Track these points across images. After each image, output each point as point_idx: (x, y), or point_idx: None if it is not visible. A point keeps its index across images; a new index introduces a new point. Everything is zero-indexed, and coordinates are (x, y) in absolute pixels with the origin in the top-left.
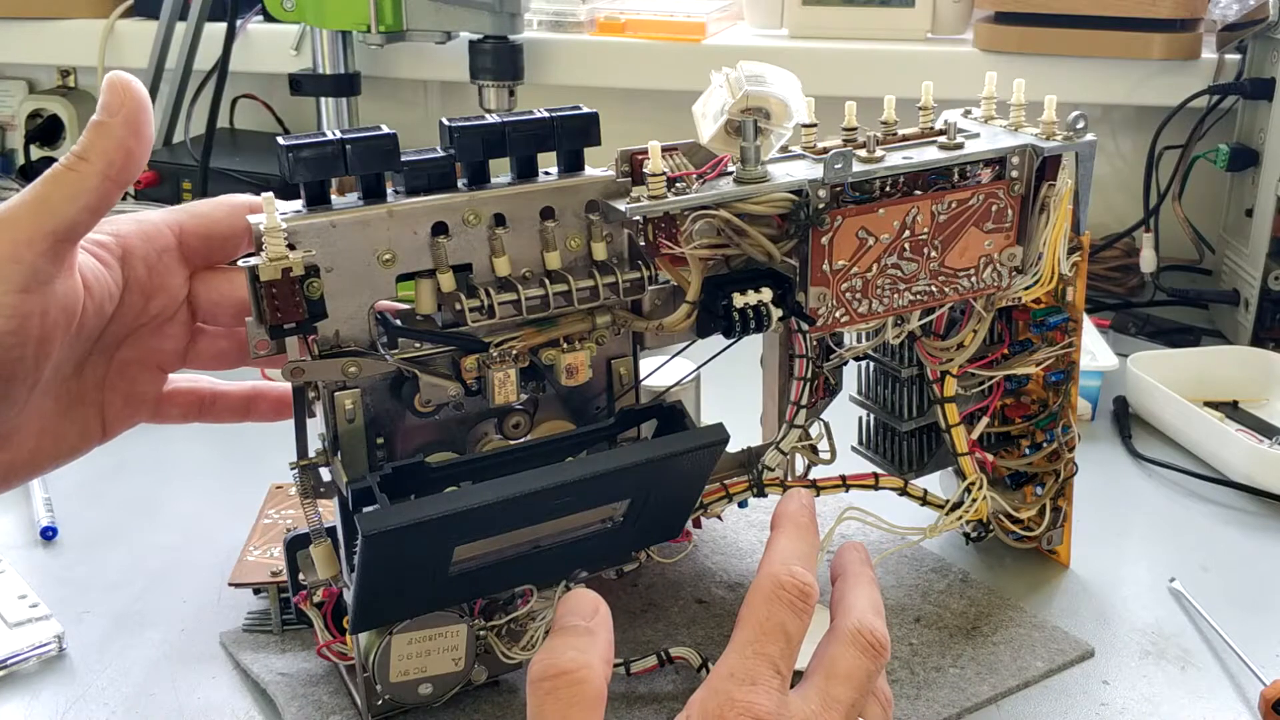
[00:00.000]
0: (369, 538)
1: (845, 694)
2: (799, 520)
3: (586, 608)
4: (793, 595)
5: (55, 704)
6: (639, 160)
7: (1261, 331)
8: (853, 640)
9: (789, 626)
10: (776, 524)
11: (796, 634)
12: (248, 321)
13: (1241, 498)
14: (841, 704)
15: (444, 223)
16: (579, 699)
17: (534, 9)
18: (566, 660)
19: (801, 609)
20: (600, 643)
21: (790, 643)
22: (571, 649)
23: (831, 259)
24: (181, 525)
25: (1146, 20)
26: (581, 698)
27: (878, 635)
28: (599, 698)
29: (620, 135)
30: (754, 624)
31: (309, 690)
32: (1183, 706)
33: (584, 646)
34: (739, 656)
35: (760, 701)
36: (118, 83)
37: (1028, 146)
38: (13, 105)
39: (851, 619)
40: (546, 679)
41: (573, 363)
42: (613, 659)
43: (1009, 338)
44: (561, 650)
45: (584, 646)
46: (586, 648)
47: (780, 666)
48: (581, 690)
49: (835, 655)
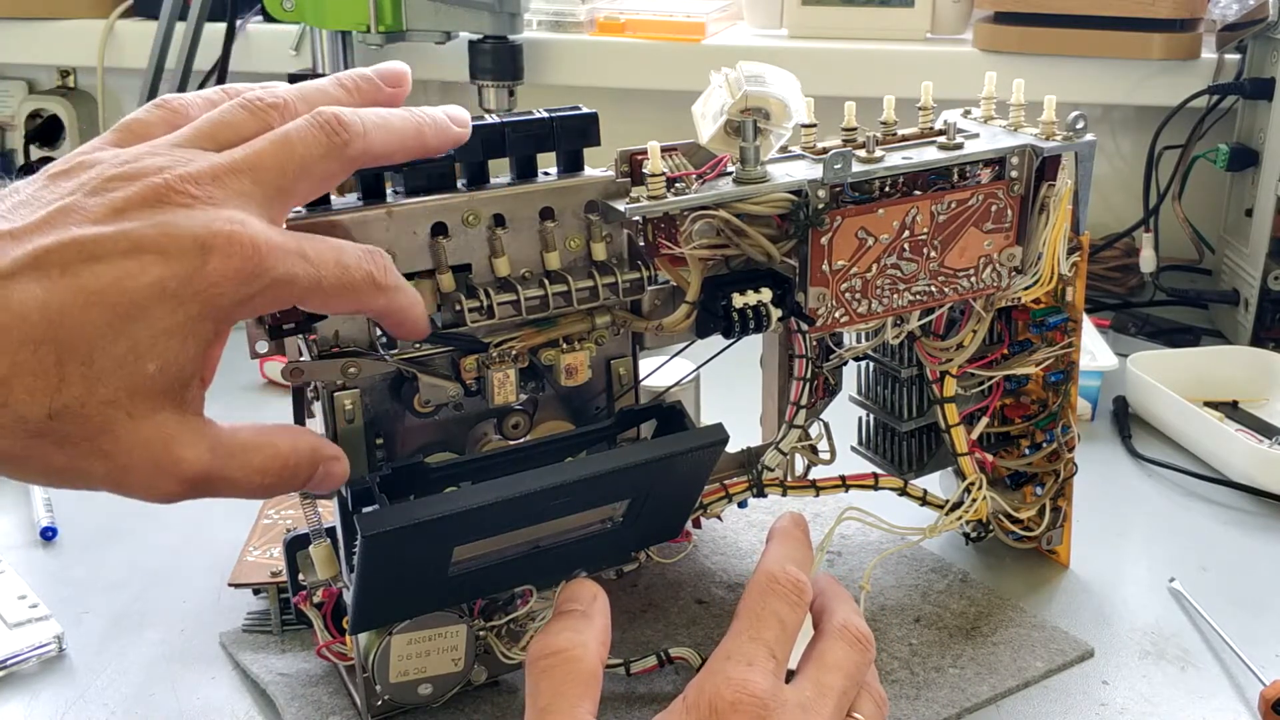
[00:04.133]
0: (368, 538)
1: (836, 681)
2: (794, 534)
3: (585, 595)
4: (787, 588)
5: (55, 704)
6: (639, 160)
7: (1261, 331)
8: (840, 635)
9: (784, 616)
10: (771, 538)
11: (791, 624)
12: (247, 322)
13: (1241, 498)
14: (834, 691)
15: (443, 223)
16: (573, 676)
17: (534, 9)
18: (562, 640)
19: (796, 602)
20: (596, 626)
21: (785, 630)
22: (568, 630)
23: (831, 259)
24: (181, 525)
25: (1146, 20)
26: (576, 675)
27: (864, 631)
28: (593, 675)
29: (620, 135)
30: (750, 614)
31: (309, 690)
32: (1182, 706)
33: (580, 628)
34: (735, 642)
35: (756, 679)
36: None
37: (1027, 146)
38: (12, 105)
39: (836, 619)
40: (542, 658)
41: (572, 363)
42: (608, 642)
43: (1009, 338)
44: (558, 631)
45: (580, 628)
46: (582, 629)
47: (775, 651)
48: (576, 668)
49: (824, 648)
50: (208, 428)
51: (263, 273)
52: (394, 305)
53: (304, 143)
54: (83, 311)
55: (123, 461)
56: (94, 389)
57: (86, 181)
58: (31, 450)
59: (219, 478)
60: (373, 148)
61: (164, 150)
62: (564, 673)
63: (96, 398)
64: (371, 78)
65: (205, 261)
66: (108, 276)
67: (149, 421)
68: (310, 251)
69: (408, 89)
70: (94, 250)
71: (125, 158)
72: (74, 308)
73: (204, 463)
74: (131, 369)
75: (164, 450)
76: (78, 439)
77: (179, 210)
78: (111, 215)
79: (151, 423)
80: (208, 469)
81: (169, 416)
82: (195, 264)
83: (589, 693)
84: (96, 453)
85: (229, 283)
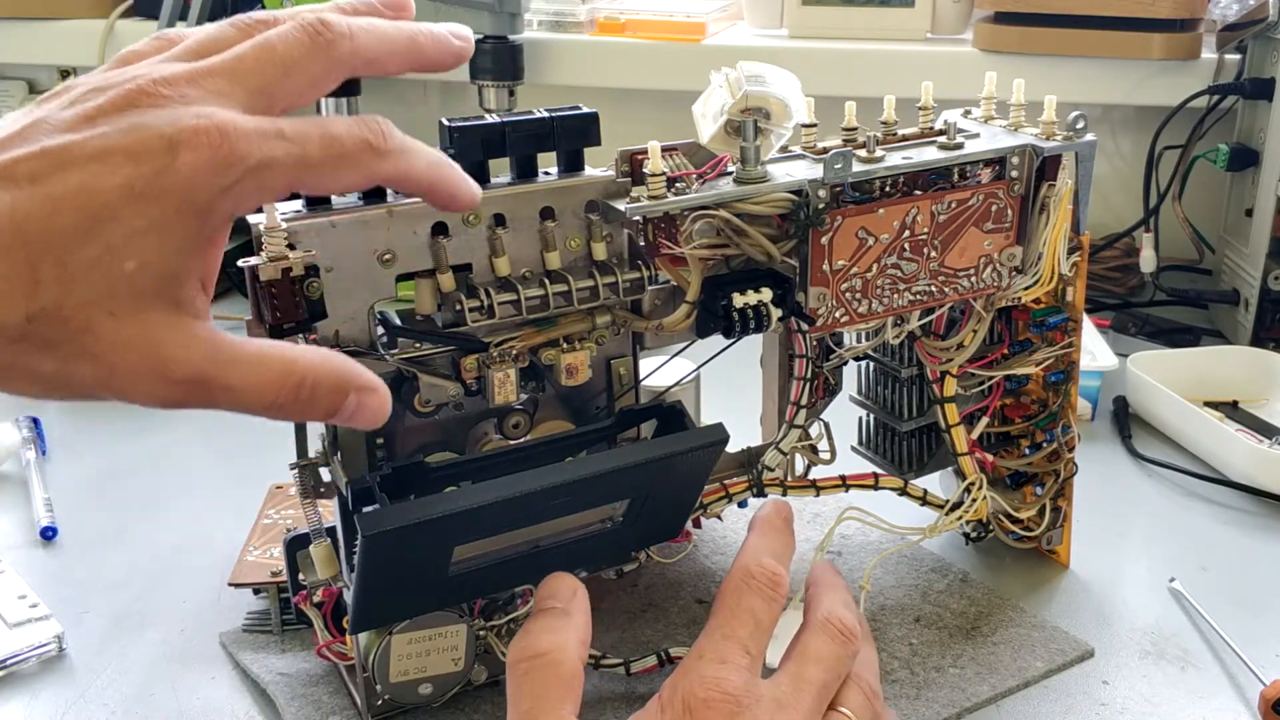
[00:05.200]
0: (369, 538)
1: (815, 674)
2: (773, 523)
3: (565, 591)
4: (762, 583)
5: (55, 704)
6: (639, 160)
7: (1261, 331)
8: (821, 628)
9: (758, 612)
10: (751, 527)
11: (766, 618)
12: (246, 321)
13: (1241, 498)
14: (812, 684)
15: (444, 223)
16: (553, 679)
17: (534, 9)
18: (543, 642)
19: (771, 596)
20: (576, 624)
21: (759, 626)
22: (547, 631)
23: (831, 259)
24: (181, 525)
25: (1146, 20)
26: (557, 678)
27: (846, 623)
28: (574, 676)
29: (620, 135)
30: (725, 611)
31: (309, 690)
32: (1182, 706)
33: (559, 628)
34: (709, 639)
35: (729, 677)
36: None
37: (1027, 146)
38: (13, 105)
39: (820, 611)
40: (523, 660)
41: (572, 363)
42: (589, 639)
43: (1009, 338)
44: (538, 632)
45: (559, 628)
46: (562, 629)
47: (750, 647)
48: (557, 671)
49: (805, 642)
50: (208, 332)
51: (236, 160)
52: (408, 168)
53: (285, 43)
54: (51, 216)
55: (110, 361)
56: (70, 290)
57: (66, 99)
58: (16, 358)
59: (218, 384)
60: (361, 50)
61: (146, 66)
62: (545, 676)
63: (74, 298)
64: (372, 1)
65: (174, 157)
66: (74, 181)
67: (135, 320)
68: (290, 130)
69: (410, 14)
70: (62, 157)
71: (107, 74)
72: (41, 213)
73: (196, 365)
74: (108, 268)
75: (151, 349)
76: (59, 341)
77: (149, 111)
78: (82, 123)
79: (137, 321)
80: (202, 371)
81: (160, 317)
82: (164, 161)
83: (570, 694)
84: (82, 354)
85: (202, 174)
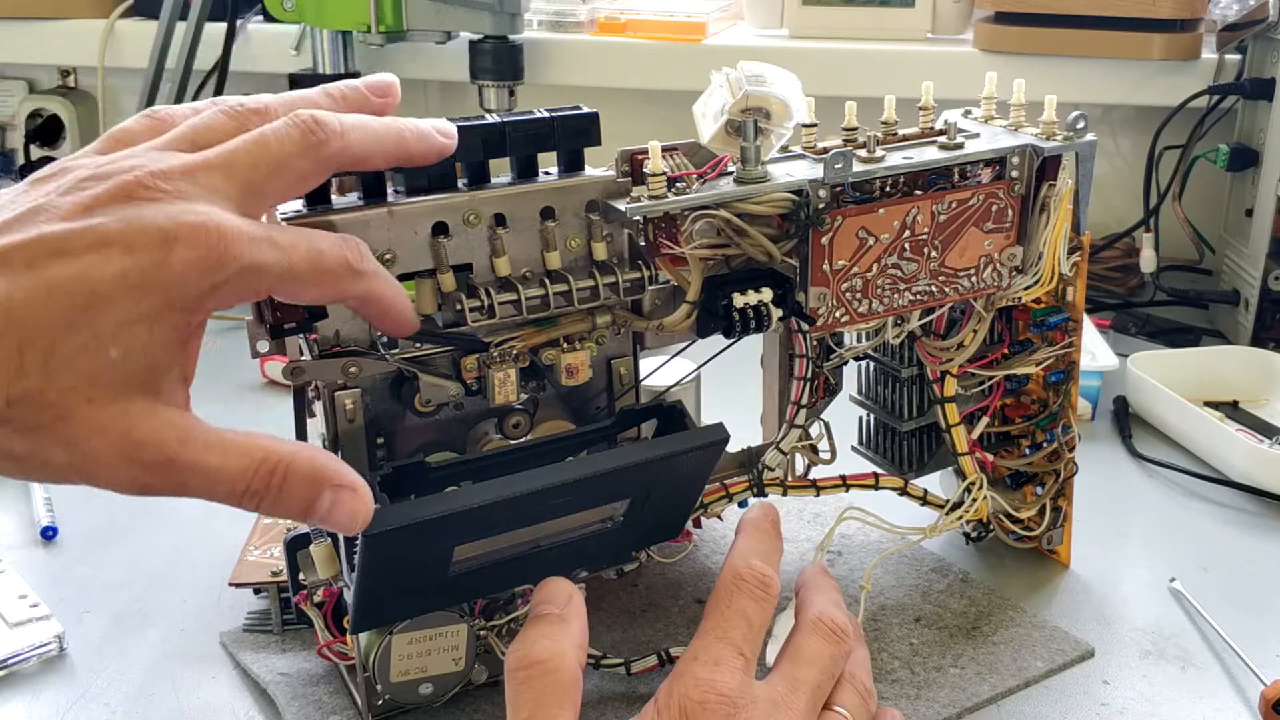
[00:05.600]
0: (369, 538)
1: (809, 675)
2: (760, 525)
3: (561, 596)
4: (752, 585)
5: (55, 704)
6: (639, 160)
7: (1261, 331)
8: (814, 628)
9: (750, 613)
10: (739, 530)
11: (758, 620)
12: (247, 321)
13: (1241, 498)
14: (806, 685)
15: (444, 223)
16: (552, 687)
17: (534, 9)
18: (540, 650)
19: (761, 597)
20: (573, 630)
21: (752, 628)
22: (544, 638)
23: (831, 259)
24: (181, 525)
25: (1146, 20)
26: (555, 685)
27: (838, 623)
28: (572, 683)
29: (620, 135)
30: (717, 614)
31: (309, 690)
32: (1183, 706)
33: (557, 635)
34: (702, 642)
35: (724, 679)
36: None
37: (1028, 146)
38: (13, 105)
39: (813, 611)
40: (521, 669)
41: (573, 363)
42: (586, 644)
43: (1009, 338)
44: (535, 640)
45: (557, 635)
46: (560, 636)
47: (743, 649)
48: (555, 679)
49: (798, 642)
50: (183, 418)
51: (228, 261)
52: (373, 291)
53: (279, 140)
54: (44, 303)
55: (83, 448)
56: (53, 377)
57: (63, 184)
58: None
59: (189, 468)
60: (351, 148)
61: (140, 153)
62: (543, 684)
63: (56, 385)
64: (359, 88)
65: (169, 252)
66: (71, 270)
67: (111, 408)
68: (280, 239)
69: (396, 99)
70: (60, 246)
71: (102, 161)
72: (36, 300)
73: (167, 448)
74: (93, 356)
75: (123, 434)
76: (36, 426)
77: (147, 204)
78: (80, 212)
79: (114, 409)
80: (173, 455)
81: (137, 405)
82: (159, 255)
83: (569, 700)
84: (57, 440)
85: (194, 272)
